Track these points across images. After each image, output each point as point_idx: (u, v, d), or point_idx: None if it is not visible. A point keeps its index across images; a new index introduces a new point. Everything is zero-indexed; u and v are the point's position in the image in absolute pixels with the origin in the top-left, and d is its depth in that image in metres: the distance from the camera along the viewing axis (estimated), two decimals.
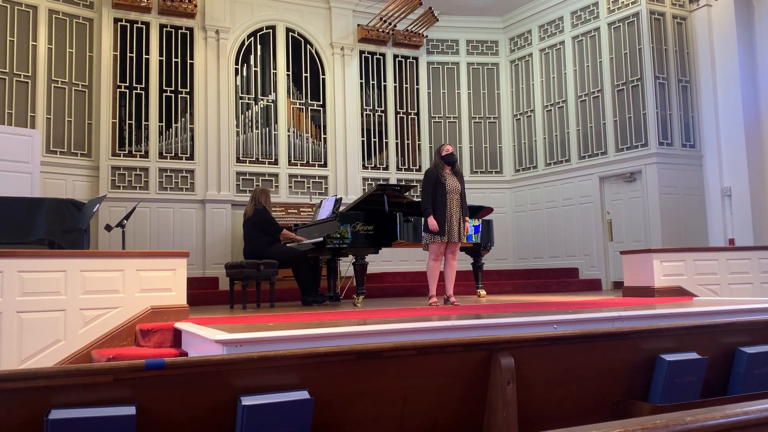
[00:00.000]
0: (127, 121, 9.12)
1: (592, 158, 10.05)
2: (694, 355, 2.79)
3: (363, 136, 10.60)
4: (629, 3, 9.59)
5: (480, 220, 7.29)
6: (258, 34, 10.03)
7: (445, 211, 6.02)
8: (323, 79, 10.40)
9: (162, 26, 9.38)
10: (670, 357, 2.73)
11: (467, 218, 6.23)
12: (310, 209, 9.44)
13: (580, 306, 5.49)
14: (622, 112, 9.64)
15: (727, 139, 9.14)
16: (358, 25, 10.60)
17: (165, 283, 5.01)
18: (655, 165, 9.10)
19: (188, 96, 9.47)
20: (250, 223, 6.87)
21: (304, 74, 10.27)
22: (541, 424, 2.49)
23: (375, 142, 10.74)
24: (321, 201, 7.75)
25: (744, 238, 8.78)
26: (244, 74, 9.88)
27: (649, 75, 9.25)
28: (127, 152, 9.03)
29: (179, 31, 9.49)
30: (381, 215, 6.55)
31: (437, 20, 10.74)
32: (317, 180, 10.17)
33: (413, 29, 10.88)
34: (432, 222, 5.99)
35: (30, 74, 8.49)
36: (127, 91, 9.13)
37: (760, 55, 9.15)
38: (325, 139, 10.30)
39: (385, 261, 9.94)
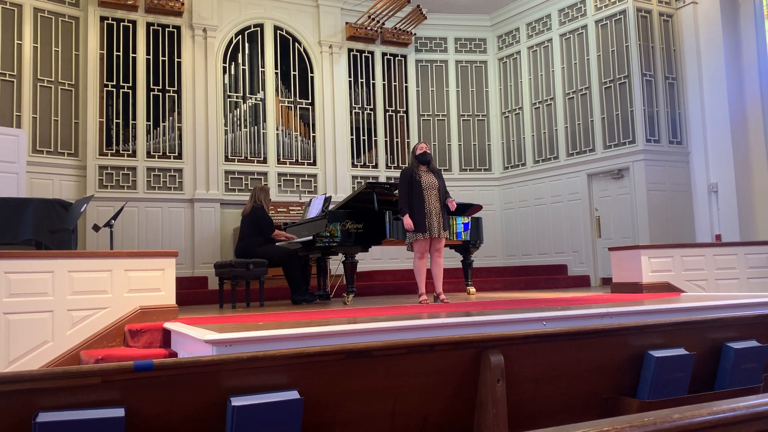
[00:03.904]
0: (115, 120, 9.06)
1: (580, 155, 10.10)
2: (681, 351, 2.81)
3: (352, 134, 10.59)
4: (616, 0, 9.63)
5: (469, 217, 7.31)
6: (246, 32, 9.99)
7: (423, 207, 6.01)
8: (312, 77, 10.38)
9: (149, 24, 9.32)
10: (658, 353, 2.75)
11: (451, 198, 6.19)
12: (300, 208, 9.42)
13: (569, 303, 5.52)
14: (609, 109, 9.69)
15: (713, 136, 9.21)
16: (347, 23, 10.58)
17: (154, 283, 4.98)
18: (643, 162, 9.16)
19: (176, 95, 9.42)
20: (247, 220, 6.86)
21: (292, 72, 10.24)
22: (530, 421, 2.50)
23: (364, 140, 10.73)
24: (310, 199, 7.73)
25: (730, 233, 8.86)
26: (232, 72, 9.85)
27: (636, 72, 9.31)
28: (114, 151, 8.98)
29: (166, 29, 9.44)
30: (370, 213, 6.54)
31: (425, 18, 10.74)
32: (306, 178, 10.15)
33: (401, 27, 10.88)
34: (407, 221, 5.98)
35: (15, 73, 8.41)
36: (114, 90, 9.07)
37: (745, 52, 9.22)
38: (314, 137, 10.29)
39: (374, 259, 9.94)
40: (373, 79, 10.88)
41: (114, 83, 9.07)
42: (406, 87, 11.16)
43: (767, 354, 3.05)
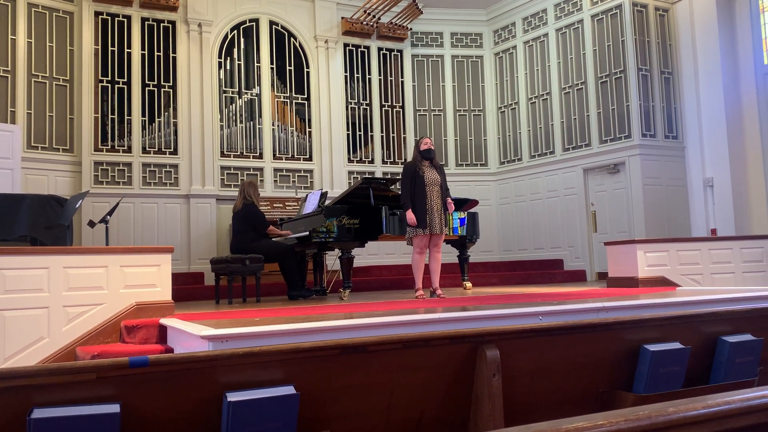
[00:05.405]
0: (110, 116, 9.02)
1: (576, 150, 10.10)
2: (677, 345, 2.82)
3: (348, 130, 10.58)
4: None
5: (465, 212, 7.31)
6: (241, 27, 9.96)
7: (425, 203, 6.00)
8: (307, 73, 10.35)
9: (144, 19, 9.28)
10: (653, 347, 2.76)
11: (450, 200, 6.19)
12: (296, 203, 9.41)
13: (565, 297, 5.53)
14: (605, 103, 9.69)
15: (709, 131, 9.23)
16: (342, 17, 10.55)
17: (149, 279, 4.97)
18: (639, 156, 9.17)
19: (171, 90, 9.38)
20: (239, 216, 6.84)
21: (288, 67, 10.22)
22: (526, 415, 2.51)
23: (360, 135, 10.72)
24: (306, 195, 7.72)
25: (726, 228, 8.88)
26: (228, 68, 9.82)
27: (632, 67, 9.30)
28: (109, 147, 8.95)
29: (161, 24, 9.40)
30: (367, 209, 6.54)
31: (421, 13, 10.71)
32: (302, 174, 10.14)
33: (397, 22, 10.85)
34: (410, 216, 5.97)
35: (9, 69, 8.37)
36: (109, 85, 9.03)
37: (741, 47, 9.23)
38: (310, 132, 10.27)
39: (371, 254, 9.94)
40: (369, 74, 10.86)
41: (109, 78, 9.03)
42: (402, 82, 11.14)
43: (762, 347, 3.06)
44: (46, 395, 1.79)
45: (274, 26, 10.16)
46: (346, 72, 10.64)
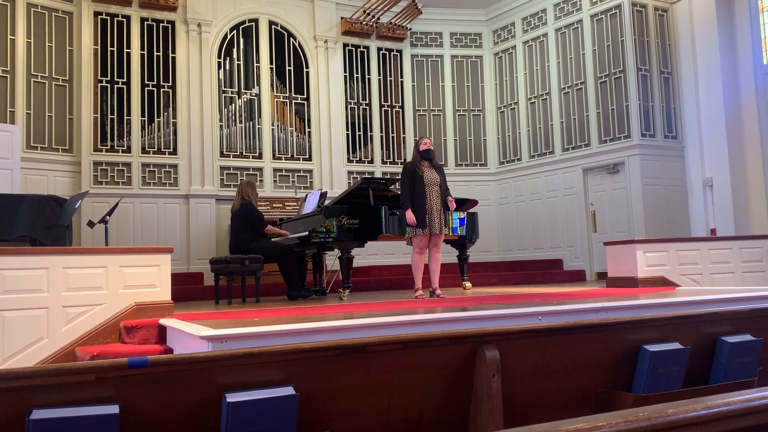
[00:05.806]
0: (109, 116, 9.02)
1: (575, 150, 10.10)
2: (676, 345, 2.82)
3: (348, 130, 10.57)
4: None
5: (465, 212, 7.30)
6: (240, 27, 9.95)
7: (424, 203, 6.00)
8: (307, 73, 10.35)
9: (143, 20, 9.27)
10: (653, 347, 2.76)
11: (451, 198, 6.20)
12: (295, 203, 9.41)
13: (565, 297, 5.53)
14: (605, 103, 9.69)
15: (708, 131, 9.23)
16: (342, 17, 10.55)
17: (149, 279, 4.97)
18: (638, 156, 9.17)
19: (171, 90, 9.38)
20: (237, 216, 6.84)
21: (287, 67, 10.21)
22: (526, 415, 2.51)
23: (360, 135, 10.71)
24: (306, 195, 7.72)
25: (725, 228, 8.88)
26: (227, 68, 9.81)
27: (631, 67, 9.31)
28: (109, 147, 8.94)
29: (161, 24, 9.40)
30: (366, 209, 6.54)
31: (421, 13, 10.71)
32: (302, 174, 10.14)
33: (397, 22, 10.85)
34: (409, 216, 5.97)
35: (9, 69, 8.36)
36: (109, 85, 9.03)
37: (740, 47, 9.23)
38: (309, 132, 10.26)
39: (371, 254, 9.94)
40: (369, 74, 10.86)
41: (108, 78, 9.02)
42: (402, 82, 11.14)
43: (762, 348, 3.06)
44: (45, 396, 1.79)
45: (273, 26, 10.16)
46: (345, 72, 10.64)
